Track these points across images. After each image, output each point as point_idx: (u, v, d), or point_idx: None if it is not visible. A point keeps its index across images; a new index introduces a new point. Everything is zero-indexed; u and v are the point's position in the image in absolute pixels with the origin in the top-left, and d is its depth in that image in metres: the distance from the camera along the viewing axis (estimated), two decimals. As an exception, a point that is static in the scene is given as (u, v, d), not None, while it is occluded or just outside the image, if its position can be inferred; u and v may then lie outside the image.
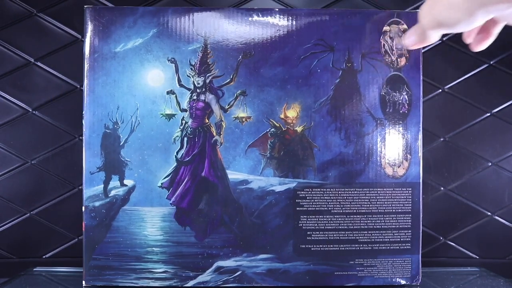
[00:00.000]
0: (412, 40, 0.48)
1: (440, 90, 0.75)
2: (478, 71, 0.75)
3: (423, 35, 0.46)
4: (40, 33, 0.71)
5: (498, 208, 0.75)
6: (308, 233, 0.59)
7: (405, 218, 0.60)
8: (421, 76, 0.60)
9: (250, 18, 0.59)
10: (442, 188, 0.75)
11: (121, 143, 0.59)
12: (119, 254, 0.60)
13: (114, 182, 0.60)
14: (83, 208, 0.60)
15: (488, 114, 0.75)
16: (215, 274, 0.59)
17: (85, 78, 0.59)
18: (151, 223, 0.60)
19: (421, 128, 0.60)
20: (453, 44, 0.75)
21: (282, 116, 0.59)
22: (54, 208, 0.71)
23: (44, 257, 0.71)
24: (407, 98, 0.60)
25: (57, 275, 0.67)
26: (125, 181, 0.60)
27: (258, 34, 0.59)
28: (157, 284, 0.59)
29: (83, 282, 0.60)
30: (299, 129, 0.59)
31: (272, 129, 0.59)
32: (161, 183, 0.59)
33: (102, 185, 0.60)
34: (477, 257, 0.76)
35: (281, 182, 0.59)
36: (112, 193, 0.60)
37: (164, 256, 0.59)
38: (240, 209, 0.59)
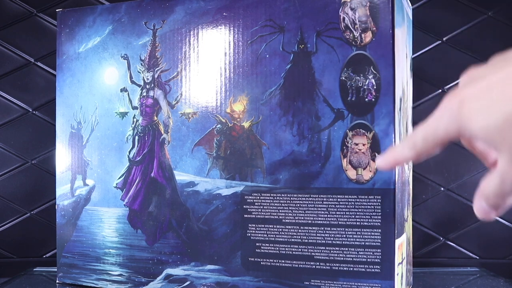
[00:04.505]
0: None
1: (440, 90, 0.79)
2: (478, 71, 0.78)
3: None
4: (40, 33, 0.81)
5: (498, 209, 0.77)
6: (257, 244, 0.56)
7: (372, 233, 0.52)
8: (393, 55, 0.51)
9: (197, 5, 0.59)
10: (442, 188, 0.79)
11: (84, 143, 0.65)
12: (83, 253, 0.65)
13: (78, 182, 0.65)
14: (56, 206, 0.66)
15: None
16: (165, 282, 0.60)
17: (56, 80, 0.66)
18: (108, 224, 0.64)
19: (395, 120, 0.51)
20: (453, 44, 0.80)
21: (228, 110, 0.57)
22: (54, 207, 0.80)
23: (44, 256, 0.81)
24: (374, 83, 0.52)
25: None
26: (87, 181, 0.65)
27: (205, 21, 0.58)
28: (114, 286, 0.63)
29: (57, 279, 0.67)
30: (246, 124, 0.56)
31: (218, 125, 0.58)
32: (116, 184, 0.63)
33: (70, 184, 0.66)
34: (477, 257, 0.80)
35: (227, 185, 0.57)
36: (77, 192, 0.65)
37: (119, 259, 0.63)
38: (187, 213, 0.59)
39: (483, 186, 0.30)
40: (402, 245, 0.55)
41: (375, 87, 0.52)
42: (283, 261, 0.56)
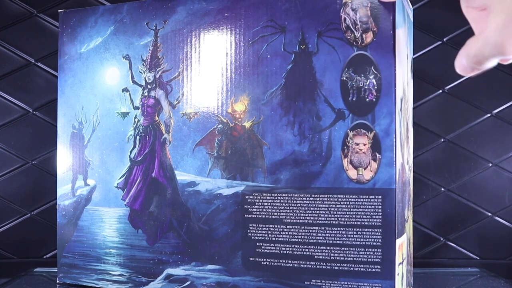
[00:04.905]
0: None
1: (441, 91, 0.81)
2: (479, 71, 0.84)
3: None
4: (40, 34, 0.81)
5: (499, 209, 0.81)
6: (258, 244, 0.57)
7: (373, 233, 0.52)
8: (395, 55, 0.51)
9: (199, 5, 0.59)
10: (442, 189, 0.81)
11: (85, 143, 0.65)
12: (83, 253, 0.66)
13: (80, 182, 0.66)
14: (57, 206, 0.67)
15: (489, 115, 0.81)
16: (165, 282, 0.61)
17: (58, 80, 0.67)
18: (109, 224, 0.64)
19: (396, 120, 0.51)
20: (453, 44, 0.82)
21: (229, 110, 0.58)
22: (54, 208, 0.80)
23: (45, 257, 0.82)
24: (375, 83, 0.52)
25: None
26: (88, 181, 0.65)
27: (206, 22, 0.59)
28: (114, 287, 0.63)
29: (57, 279, 0.67)
30: (247, 124, 0.57)
31: (220, 125, 0.58)
32: (117, 184, 0.63)
33: (71, 184, 0.66)
34: (478, 258, 0.82)
35: (228, 185, 0.58)
36: (78, 192, 0.66)
37: (120, 259, 0.63)
38: (188, 213, 0.60)
39: (468, 45, 0.37)
40: (403, 245, 0.56)
41: (376, 87, 0.53)
42: (283, 261, 0.56)
